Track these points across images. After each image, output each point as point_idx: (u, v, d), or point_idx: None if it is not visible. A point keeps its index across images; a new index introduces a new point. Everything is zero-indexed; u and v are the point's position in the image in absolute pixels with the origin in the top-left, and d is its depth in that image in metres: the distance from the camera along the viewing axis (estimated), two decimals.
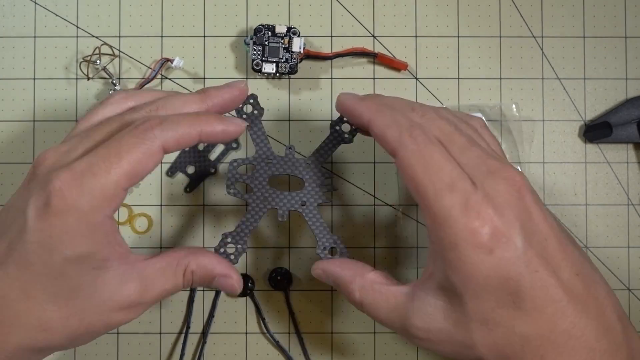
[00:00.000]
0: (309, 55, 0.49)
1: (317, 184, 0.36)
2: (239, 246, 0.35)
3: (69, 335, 0.31)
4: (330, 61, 0.50)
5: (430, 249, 0.31)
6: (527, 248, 0.28)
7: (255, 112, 0.37)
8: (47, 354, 0.33)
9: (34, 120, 0.49)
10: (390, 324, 0.33)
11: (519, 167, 0.49)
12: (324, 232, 0.36)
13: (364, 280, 0.33)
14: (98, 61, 0.49)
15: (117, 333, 0.49)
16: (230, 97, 0.35)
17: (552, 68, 0.50)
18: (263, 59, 0.48)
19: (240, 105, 0.36)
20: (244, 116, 0.36)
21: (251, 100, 0.37)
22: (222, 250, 0.35)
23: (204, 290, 0.49)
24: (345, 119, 0.36)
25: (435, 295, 0.31)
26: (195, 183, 0.49)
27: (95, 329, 0.32)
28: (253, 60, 0.48)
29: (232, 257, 0.35)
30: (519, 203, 0.29)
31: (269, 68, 0.48)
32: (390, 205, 0.49)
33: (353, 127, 0.36)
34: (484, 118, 0.49)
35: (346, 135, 0.36)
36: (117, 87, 0.49)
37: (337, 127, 0.36)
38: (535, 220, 0.30)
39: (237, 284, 0.35)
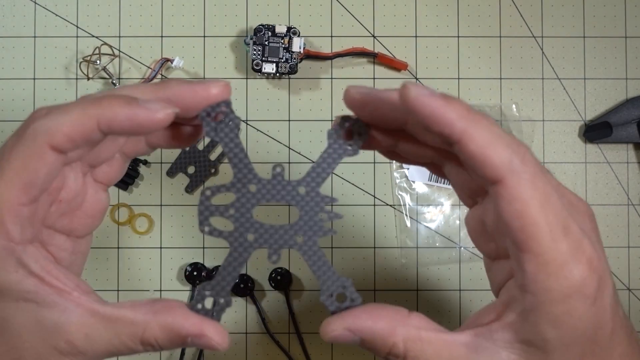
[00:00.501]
0: (309, 55, 0.49)
1: (316, 211, 0.28)
2: (221, 299, 0.27)
3: None
4: (330, 61, 0.50)
5: (513, 296, 0.26)
6: (613, 291, 0.26)
7: (230, 123, 0.27)
8: None
9: None
10: None
11: None
12: (329, 273, 0.28)
13: (408, 329, 0.26)
14: (98, 61, 0.49)
15: None
16: (191, 95, 0.27)
17: (552, 68, 0.50)
18: (263, 59, 0.48)
19: (210, 115, 0.27)
20: (215, 130, 0.27)
21: (223, 108, 0.27)
22: (199, 306, 0.27)
23: None
24: (347, 124, 0.28)
25: (511, 349, 0.26)
26: (195, 183, 0.49)
27: None
28: (253, 60, 0.48)
29: (213, 314, 0.27)
30: (600, 241, 0.27)
31: (269, 68, 0.48)
32: (391, 206, 0.49)
33: (360, 133, 0.28)
34: None
35: (349, 147, 0.28)
36: (117, 87, 0.49)
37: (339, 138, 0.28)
38: (604, 257, 0.27)
39: (218, 341, 0.26)
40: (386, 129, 0.28)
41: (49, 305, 0.26)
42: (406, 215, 0.49)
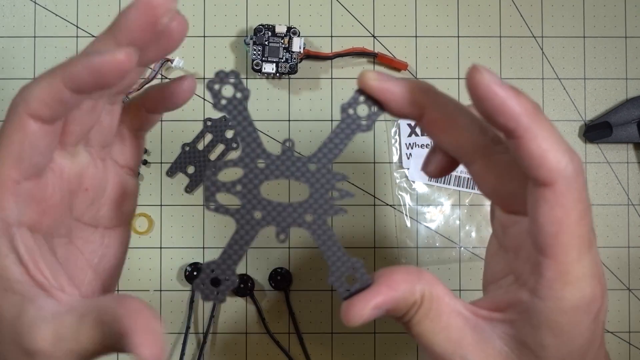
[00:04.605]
0: (309, 55, 0.49)
1: (327, 189, 0.27)
2: (227, 278, 0.26)
3: None
4: (330, 61, 0.50)
5: (518, 297, 0.26)
6: (606, 308, 0.27)
7: (238, 94, 0.26)
8: None
9: None
10: (430, 343, 0.26)
11: None
12: (339, 253, 0.26)
13: (423, 285, 0.26)
14: None
15: None
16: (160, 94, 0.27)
17: (552, 68, 0.50)
18: (263, 59, 0.48)
19: (217, 87, 0.26)
20: (223, 101, 0.26)
21: (232, 79, 0.26)
22: (203, 285, 0.26)
23: None
24: (363, 97, 0.26)
25: (505, 341, 0.26)
26: (195, 183, 0.49)
27: None
28: (253, 60, 0.48)
29: (218, 293, 0.26)
30: None
31: (269, 68, 0.48)
32: (391, 206, 0.49)
33: (376, 108, 0.26)
34: None
35: (363, 122, 0.26)
36: None
37: (351, 111, 0.27)
38: None
39: (145, 352, 0.22)
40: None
41: (30, 299, 0.24)
42: (406, 215, 0.49)
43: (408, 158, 0.49)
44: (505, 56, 0.50)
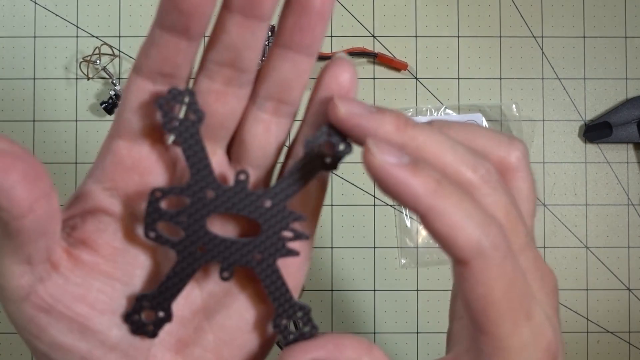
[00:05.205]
0: None
1: (280, 227, 0.24)
2: (161, 313, 0.24)
3: None
4: None
5: None
6: None
7: (192, 116, 0.24)
8: None
9: (34, 120, 0.49)
10: None
11: None
12: (287, 296, 0.25)
13: (373, 358, 0.25)
14: (98, 61, 0.49)
15: None
16: None
17: (552, 68, 0.50)
18: (263, 59, 0.48)
19: (168, 105, 0.23)
20: (175, 122, 0.23)
21: (186, 99, 0.23)
22: (136, 317, 0.24)
23: None
24: (332, 131, 0.24)
25: None
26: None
27: None
28: None
29: (150, 327, 0.24)
30: (557, 313, 0.26)
31: None
32: (391, 206, 0.49)
33: (343, 145, 0.24)
34: (484, 119, 0.49)
35: (328, 160, 0.24)
36: (117, 87, 0.49)
37: (316, 147, 0.24)
38: (559, 332, 0.28)
39: None
40: None
41: None
42: (406, 215, 0.49)
43: None
44: (505, 56, 0.50)
